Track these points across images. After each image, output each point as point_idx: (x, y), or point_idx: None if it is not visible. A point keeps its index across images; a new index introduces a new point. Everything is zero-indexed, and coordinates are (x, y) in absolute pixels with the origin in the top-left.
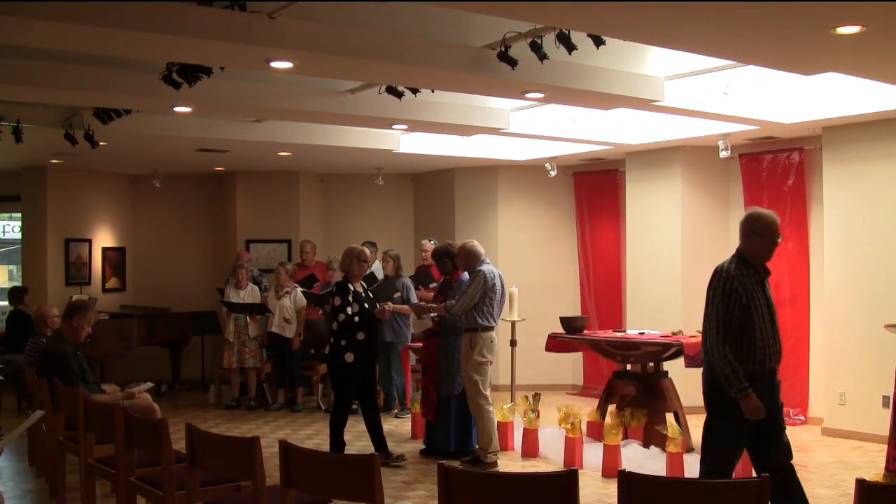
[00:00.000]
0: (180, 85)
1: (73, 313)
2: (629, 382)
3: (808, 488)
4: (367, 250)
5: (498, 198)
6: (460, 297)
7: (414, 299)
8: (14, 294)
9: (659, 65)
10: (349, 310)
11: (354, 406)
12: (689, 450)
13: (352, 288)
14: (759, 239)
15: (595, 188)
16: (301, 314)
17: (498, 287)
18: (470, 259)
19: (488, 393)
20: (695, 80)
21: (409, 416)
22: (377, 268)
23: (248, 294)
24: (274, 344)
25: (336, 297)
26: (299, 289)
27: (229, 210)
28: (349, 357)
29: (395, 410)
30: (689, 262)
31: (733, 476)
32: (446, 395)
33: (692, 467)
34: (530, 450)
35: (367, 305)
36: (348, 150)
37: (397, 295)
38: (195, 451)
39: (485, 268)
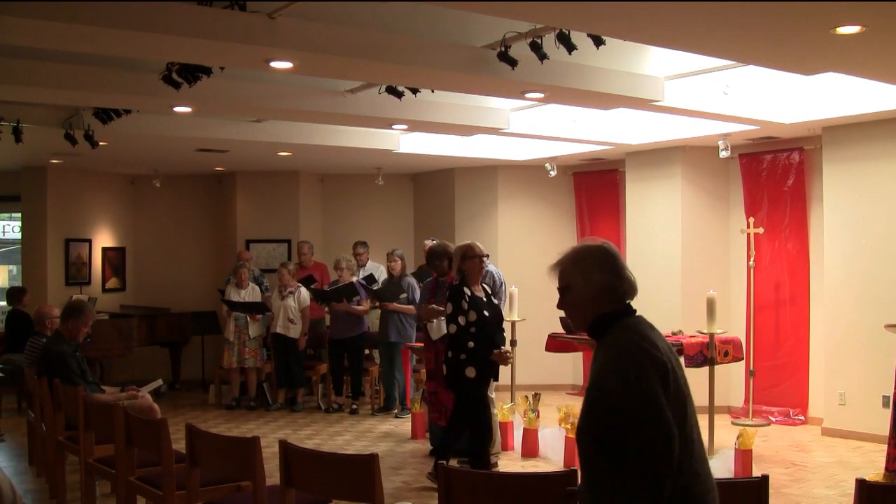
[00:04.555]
0: (180, 85)
1: (71, 314)
2: None
3: (808, 488)
4: (475, 246)
5: (498, 198)
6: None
7: (418, 300)
8: (13, 294)
9: (659, 65)
10: (462, 319)
11: (355, 406)
12: None
13: (468, 293)
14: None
15: (595, 188)
16: (305, 314)
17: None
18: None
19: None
20: (695, 80)
21: (409, 416)
22: (373, 267)
23: (250, 294)
24: (278, 344)
25: (448, 304)
26: (302, 288)
27: (229, 210)
28: (471, 372)
29: (396, 410)
30: (689, 262)
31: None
32: None
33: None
34: (530, 450)
35: (486, 314)
36: (348, 150)
37: (403, 296)
38: (195, 451)
39: (491, 268)
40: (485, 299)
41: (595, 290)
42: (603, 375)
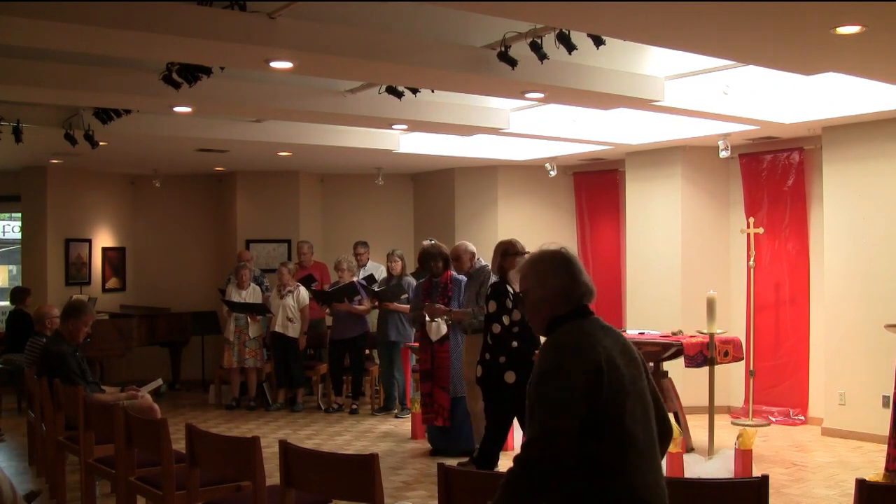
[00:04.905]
0: (180, 85)
1: (71, 314)
2: None
3: (808, 488)
4: (516, 242)
5: (498, 198)
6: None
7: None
8: (16, 294)
9: (659, 65)
10: (506, 319)
11: (355, 406)
12: (689, 450)
13: (511, 290)
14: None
15: (595, 188)
16: (305, 313)
17: None
18: (472, 260)
19: None
20: (695, 80)
21: (409, 416)
22: (373, 267)
23: (250, 294)
24: (277, 344)
25: (491, 302)
26: (301, 287)
27: (229, 210)
28: (510, 377)
29: (395, 410)
30: (689, 262)
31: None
32: (463, 395)
33: (692, 467)
34: None
35: None
36: (348, 150)
37: (405, 296)
38: (195, 451)
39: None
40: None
41: (551, 293)
42: (534, 369)
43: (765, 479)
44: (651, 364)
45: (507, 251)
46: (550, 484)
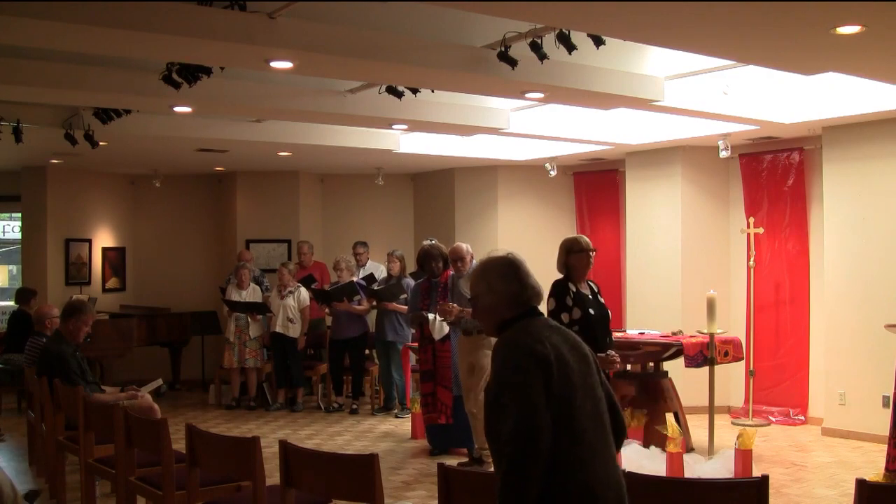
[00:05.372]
0: (180, 85)
1: (71, 314)
2: (629, 382)
3: (808, 488)
4: (581, 239)
5: (498, 198)
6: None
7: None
8: (21, 295)
9: (659, 65)
10: (565, 317)
11: (355, 406)
12: (689, 450)
13: (573, 288)
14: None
15: (595, 188)
16: (305, 313)
17: None
18: (470, 260)
19: None
20: (695, 80)
21: (409, 416)
22: (373, 267)
23: (250, 294)
24: (277, 344)
25: (550, 299)
26: (301, 287)
27: (229, 210)
28: None
29: (396, 410)
30: (689, 262)
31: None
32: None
33: (692, 467)
34: None
35: (592, 312)
36: (348, 150)
37: (404, 296)
38: (195, 451)
39: None
40: (591, 297)
41: (499, 298)
42: (490, 370)
43: (765, 479)
44: (651, 364)
45: (572, 248)
46: (541, 476)
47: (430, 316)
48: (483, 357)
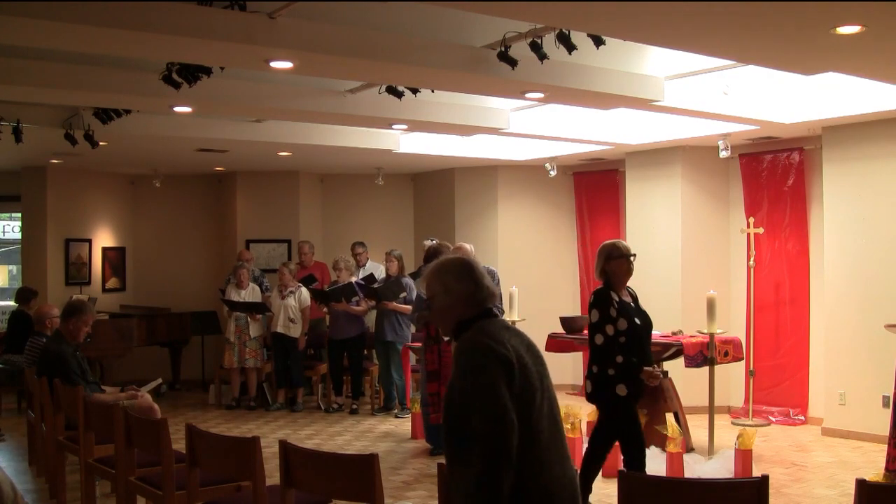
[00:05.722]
0: (180, 85)
1: (71, 314)
2: None
3: (809, 488)
4: (620, 244)
5: (498, 198)
6: (499, 300)
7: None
8: (21, 295)
9: (659, 65)
10: (610, 329)
11: (355, 406)
12: (689, 450)
13: (615, 297)
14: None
15: (595, 188)
16: (305, 314)
17: None
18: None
19: None
20: (695, 80)
21: (409, 416)
22: (373, 267)
23: (250, 294)
24: (278, 344)
25: (594, 311)
26: (303, 287)
27: (229, 210)
28: (622, 390)
29: (396, 410)
30: (689, 262)
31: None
32: None
33: (692, 467)
34: None
35: (637, 322)
36: (348, 150)
37: (403, 295)
38: (195, 451)
39: (491, 267)
40: (633, 305)
41: (454, 298)
42: (452, 371)
43: (765, 479)
44: None
45: (612, 254)
46: (511, 473)
47: None
48: None
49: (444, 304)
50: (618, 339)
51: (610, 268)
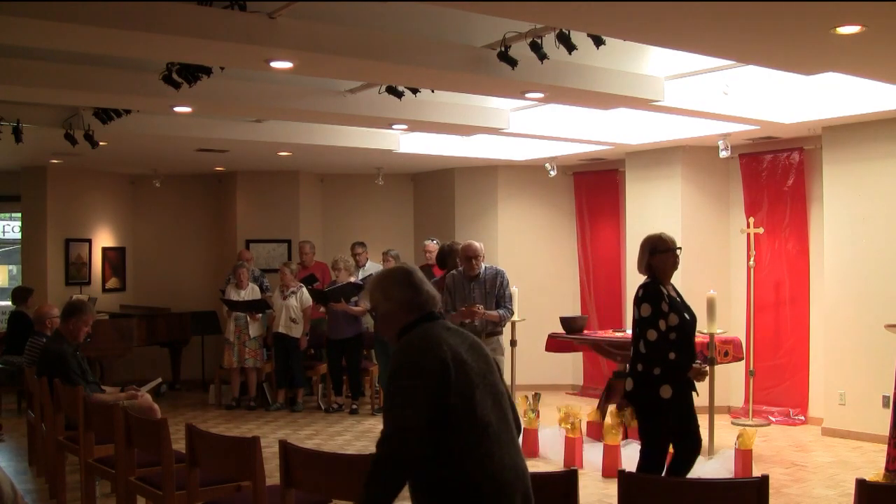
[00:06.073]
0: (180, 85)
1: (71, 314)
2: None
3: (808, 488)
4: (665, 236)
5: (498, 198)
6: (509, 301)
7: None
8: (17, 294)
9: (659, 65)
10: (662, 324)
11: (355, 406)
12: None
13: (665, 292)
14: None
15: (595, 188)
16: (307, 314)
17: None
18: (482, 259)
19: None
20: (695, 80)
21: None
22: (373, 267)
23: (249, 294)
24: (279, 344)
25: (644, 305)
26: (304, 287)
27: (229, 210)
28: (666, 392)
29: None
30: (689, 262)
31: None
32: None
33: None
34: (530, 450)
35: (687, 317)
36: (348, 150)
37: None
38: (195, 451)
39: (497, 268)
40: (679, 300)
41: (395, 304)
42: (388, 370)
43: (765, 479)
44: None
45: (657, 248)
46: (405, 476)
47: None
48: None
49: (386, 310)
50: (668, 335)
51: (655, 262)
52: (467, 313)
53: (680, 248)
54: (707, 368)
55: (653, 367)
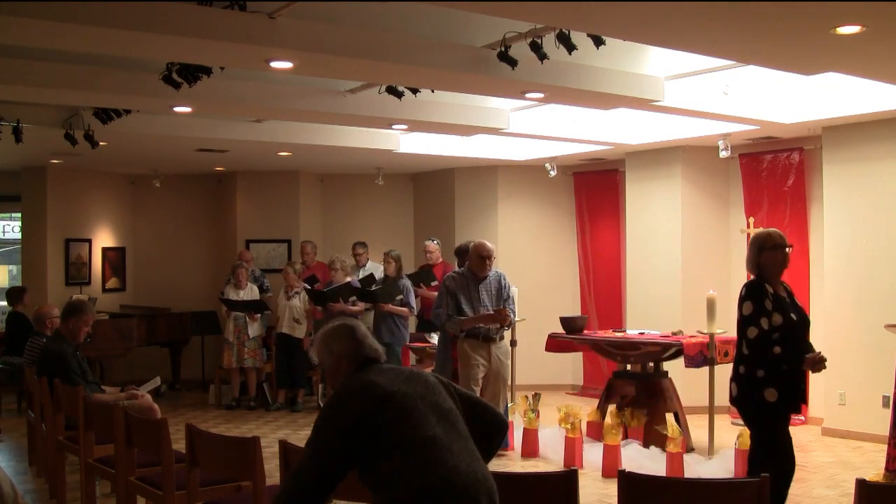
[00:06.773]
0: (180, 85)
1: (71, 314)
2: (629, 382)
3: (808, 488)
4: (775, 233)
5: (498, 198)
6: (513, 303)
7: (413, 301)
8: (12, 294)
9: (659, 65)
10: (765, 322)
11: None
12: (689, 450)
13: (770, 290)
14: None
15: (595, 188)
16: (310, 314)
17: None
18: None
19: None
20: (695, 80)
21: None
22: (373, 267)
23: (248, 294)
24: (282, 344)
25: (747, 303)
26: (305, 286)
27: (229, 210)
28: (771, 395)
29: None
30: (688, 262)
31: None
32: None
33: (692, 467)
34: (530, 450)
35: (794, 317)
36: (348, 150)
37: (399, 297)
38: (195, 451)
39: (498, 271)
40: (788, 300)
41: (338, 357)
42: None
43: (765, 479)
44: (651, 364)
45: (765, 245)
46: None
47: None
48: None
49: (331, 364)
50: (771, 335)
51: (763, 260)
52: (499, 317)
53: (790, 247)
54: (824, 356)
55: (755, 370)
